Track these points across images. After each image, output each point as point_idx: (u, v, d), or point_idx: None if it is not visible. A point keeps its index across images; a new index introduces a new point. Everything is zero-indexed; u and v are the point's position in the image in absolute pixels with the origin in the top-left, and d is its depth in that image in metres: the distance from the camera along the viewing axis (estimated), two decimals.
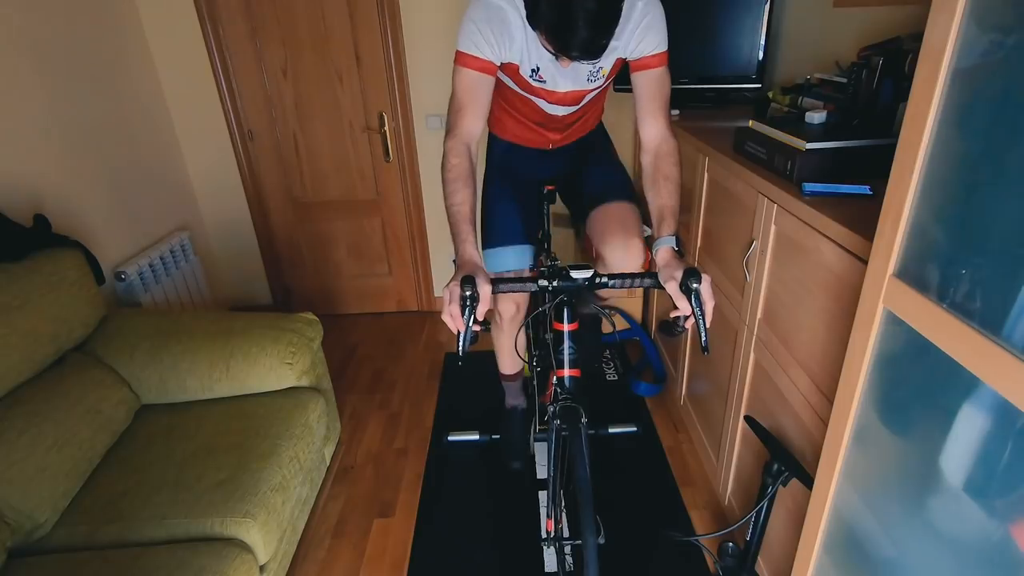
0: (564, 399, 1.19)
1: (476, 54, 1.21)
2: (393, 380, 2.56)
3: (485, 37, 1.20)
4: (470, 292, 1.02)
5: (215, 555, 1.24)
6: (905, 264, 0.76)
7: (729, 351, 1.60)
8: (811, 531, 1.03)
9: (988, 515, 0.66)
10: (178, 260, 2.46)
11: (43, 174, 1.90)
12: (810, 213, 1.11)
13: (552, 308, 1.23)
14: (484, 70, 1.23)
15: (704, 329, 1.04)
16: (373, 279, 3.08)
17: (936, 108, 0.69)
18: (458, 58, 1.23)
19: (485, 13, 1.19)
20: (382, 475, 2.02)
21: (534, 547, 1.70)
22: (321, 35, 2.54)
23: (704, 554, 1.66)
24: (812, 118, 1.34)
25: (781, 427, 1.33)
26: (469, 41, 1.21)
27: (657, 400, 2.31)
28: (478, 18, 1.19)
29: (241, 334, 1.74)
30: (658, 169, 1.25)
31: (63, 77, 2.01)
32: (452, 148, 1.23)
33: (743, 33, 2.13)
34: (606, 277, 1.09)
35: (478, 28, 1.19)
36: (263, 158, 2.79)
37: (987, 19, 0.62)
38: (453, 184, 1.20)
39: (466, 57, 1.22)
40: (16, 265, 1.50)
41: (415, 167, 2.79)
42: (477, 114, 1.24)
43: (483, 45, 1.21)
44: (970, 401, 0.68)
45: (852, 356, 0.88)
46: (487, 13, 1.19)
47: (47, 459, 1.35)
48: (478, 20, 1.19)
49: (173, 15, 2.47)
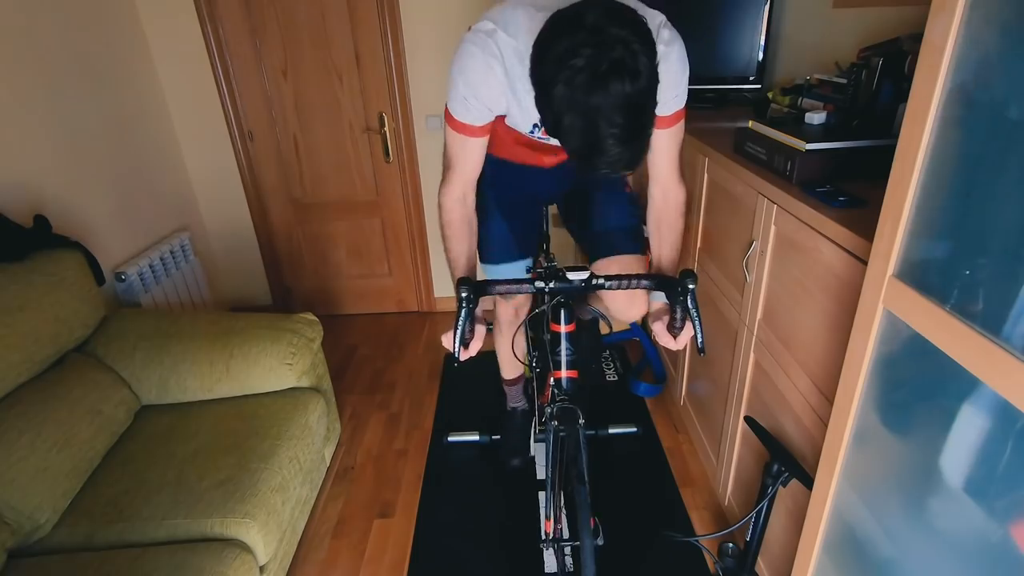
0: (562, 400, 1.19)
1: (465, 121, 1.11)
2: (393, 380, 2.56)
3: (471, 104, 1.08)
4: (467, 293, 1.02)
5: (215, 556, 1.24)
6: (905, 265, 0.76)
7: (729, 352, 1.60)
8: (811, 531, 1.03)
9: (988, 515, 0.66)
10: (178, 260, 2.46)
11: (43, 174, 1.90)
12: (810, 213, 1.11)
13: (550, 310, 1.23)
14: (473, 135, 1.13)
15: (699, 331, 1.03)
16: (373, 279, 3.08)
17: (936, 108, 0.68)
18: (447, 115, 1.13)
19: (470, 76, 1.05)
20: (382, 475, 2.02)
21: (534, 548, 1.70)
22: (321, 35, 2.54)
23: (704, 554, 1.66)
24: (812, 119, 1.34)
25: (781, 427, 1.32)
26: (456, 104, 1.10)
27: (657, 400, 2.31)
28: (462, 81, 1.06)
29: (241, 334, 1.74)
30: (664, 219, 1.24)
31: (63, 77, 2.01)
32: (446, 198, 1.20)
33: (743, 34, 2.13)
34: (603, 278, 1.08)
35: (463, 95, 1.07)
36: (263, 159, 2.79)
37: (987, 19, 0.62)
38: (450, 238, 1.21)
39: (454, 120, 1.12)
40: (16, 265, 1.50)
41: (415, 167, 2.79)
42: (469, 170, 1.18)
43: (472, 112, 1.10)
44: (970, 401, 0.68)
45: (852, 356, 0.88)
46: (472, 77, 1.05)
47: (47, 459, 1.35)
48: (462, 84, 1.06)
49: (173, 15, 2.47)
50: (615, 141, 0.83)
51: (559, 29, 0.83)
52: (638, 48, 0.80)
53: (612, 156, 0.85)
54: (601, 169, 0.88)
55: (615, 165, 0.87)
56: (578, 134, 0.84)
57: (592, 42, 0.79)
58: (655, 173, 1.21)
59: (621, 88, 0.79)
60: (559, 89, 0.81)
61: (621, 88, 0.79)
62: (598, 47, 0.78)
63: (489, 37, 1.03)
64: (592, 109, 0.81)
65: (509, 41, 1.02)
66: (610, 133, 0.82)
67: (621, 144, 0.83)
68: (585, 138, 0.84)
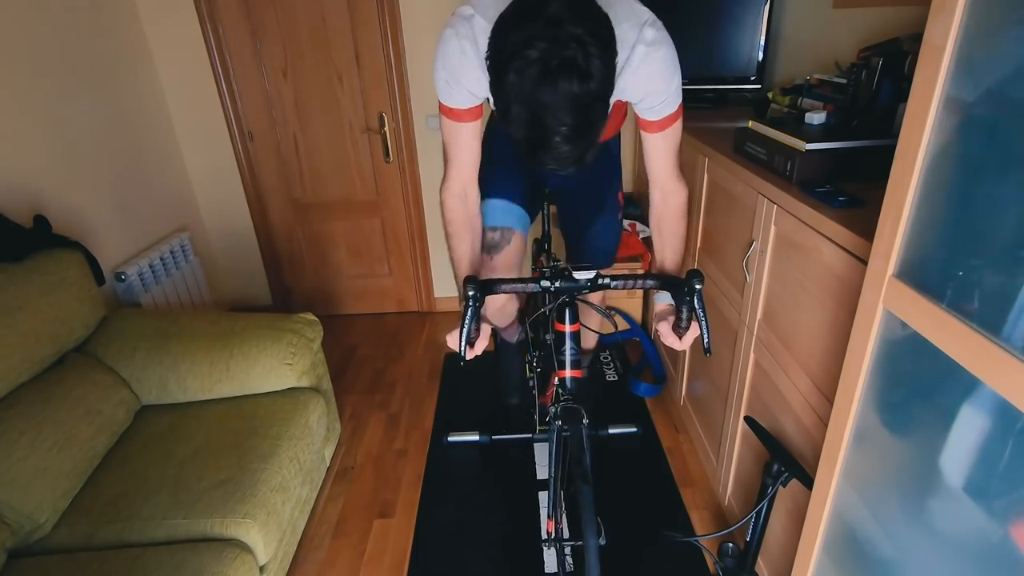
0: (565, 400, 1.19)
1: (451, 104, 1.11)
2: (393, 380, 2.56)
3: (453, 88, 1.08)
4: (473, 292, 1.02)
5: (215, 556, 1.24)
6: (905, 265, 0.76)
7: (729, 352, 1.60)
8: (811, 531, 1.03)
9: (988, 515, 0.66)
10: (178, 261, 2.46)
11: (43, 174, 1.90)
12: (810, 214, 1.11)
13: (553, 309, 1.23)
14: (461, 119, 1.13)
15: (706, 331, 1.04)
16: (373, 279, 3.08)
17: (936, 108, 0.68)
18: (439, 104, 1.13)
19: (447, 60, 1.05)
20: (382, 475, 2.02)
21: (534, 548, 1.70)
22: (321, 35, 2.54)
23: (704, 554, 1.66)
24: (812, 119, 1.34)
25: (781, 427, 1.32)
26: (441, 88, 1.10)
27: (657, 400, 2.31)
28: (441, 64, 1.06)
29: (241, 334, 1.74)
30: (664, 221, 1.23)
31: (63, 78, 2.01)
32: (447, 195, 1.20)
33: (743, 33, 2.13)
34: (608, 278, 1.09)
35: (444, 79, 1.07)
36: (263, 159, 2.79)
37: (987, 19, 0.62)
38: (453, 236, 1.22)
39: (442, 105, 1.12)
40: (16, 266, 1.50)
41: (415, 167, 2.79)
42: (466, 163, 1.18)
43: (455, 95, 1.08)
44: (970, 401, 0.67)
45: (852, 356, 0.88)
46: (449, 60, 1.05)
47: (47, 460, 1.35)
48: (441, 68, 1.07)
49: (173, 16, 2.48)
50: (561, 139, 0.83)
51: (520, 15, 0.82)
52: (593, 50, 0.79)
53: (558, 153, 0.85)
54: (548, 165, 0.89)
55: (562, 162, 0.88)
56: (524, 125, 0.84)
57: (548, 35, 0.78)
58: (653, 176, 1.21)
59: (569, 88, 0.79)
60: (511, 77, 0.80)
61: (569, 88, 0.79)
62: (552, 41, 0.78)
63: (467, 21, 1.03)
64: (539, 104, 0.80)
65: (485, 26, 1.00)
66: (557, 130, 0.82)
67: (567, 142, 0.84)
68: (531, 130, 0.84)
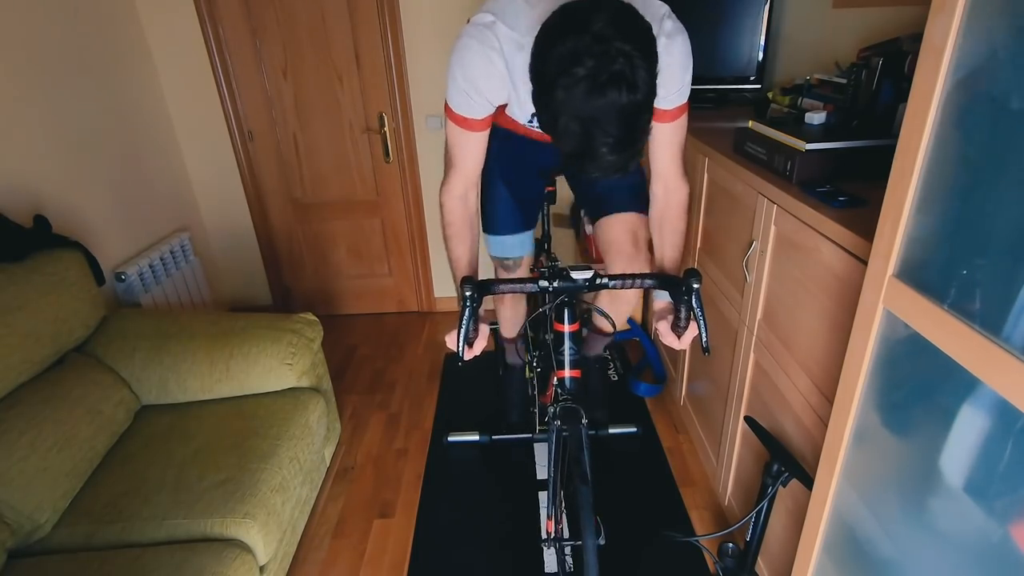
0: (565, 400, 1.19)
1: (465, 114, 1.10)
2: (393, 380, 2.56)
3: (472, 98, 1.07)
4: (470, 293, 1.02)
5: (215, 556, 1.24)
6: (905, 265, 0.76)
7: (729, 351, 1.60)
8: (811, 531, 1.03)
9: (988, 515, 0.66)
10: (178, 261, 2.46)
11: (43, 174, 1.90)
12: (810, 213, 1.11)
13: (552, 309, 1.23)
14: (473, 128, 1.12)
15: (704, 331, 1.04)
16: (373, 279, 3.08)
17: (936, 108, 0.69)
18: (447, 109, 1.12)
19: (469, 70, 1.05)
20: (382, 475, 2.02)
21: (534, 548, 1.70)
22: (321, 35, 2.54)
23: (704, 554, 1.66)
24: (812, 119, 1.34)
25: (781, 427, 1.33)
26: (455, 98, 1.09)
27: (657, 400, 2.31)
28: (461, 74, 1.05)
29: (241, 334, 1.74)
30: (666, 217, 1.23)
31: (63, 77, 2.01)
32: (447, 196, 1.20)
33: (743, 33, 2.13)
34: (606, 278, 1.09)
35: (463, 88, 1.06)
36: (263, 159, 2.79)
37: (987, 19, 0.62)
38: (451, 237, 1.22)
39: (453, 114, 1.11)
40: (16, 266, 1.50)
41: (415, 167, 2.79)
42: (469, 166, 1.18)
43: (472, 105, 1.09)
44: (970, 401, 0.67)
45: (852, 356, 0.88)
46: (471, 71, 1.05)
47: (47, 460, 1.35)
48: (461, 77, 1.06)
49: (173, 15, 2.47)
50: (608, 149, 0.84)
51: (565, 28, 0.83)
52: (639, 63, 0.81)
53: (604, 163, 0.87)
54: (592, 173, 0.90)
55: (606, 170, 0.89)
56: (573, 138, 0.85)
57: (596, 52, 0.79)
58: (657, 168, 1.21)
59: (618, 99, 0.80)
60: (558, 93, 0.82)
61: (618, 99, 0.80)
62: (601, 58, 0.79)
63: (488, 29, 1.02)
64: (588, 118, 0.82)
65: (509, 33, 1.02)
66: (604, 141, 0.84)
67: (613, 152, 0.85)
68: (579, 143, 0.85)
